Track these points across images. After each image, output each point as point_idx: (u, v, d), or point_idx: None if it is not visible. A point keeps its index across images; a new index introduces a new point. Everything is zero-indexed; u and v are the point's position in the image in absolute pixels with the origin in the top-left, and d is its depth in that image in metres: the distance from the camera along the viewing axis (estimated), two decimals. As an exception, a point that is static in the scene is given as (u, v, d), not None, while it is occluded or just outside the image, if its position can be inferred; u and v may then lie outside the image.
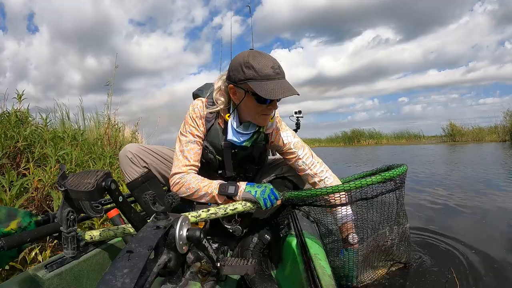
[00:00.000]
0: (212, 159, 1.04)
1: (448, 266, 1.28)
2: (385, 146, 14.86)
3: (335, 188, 0.89)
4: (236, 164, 1.07)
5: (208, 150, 1.03)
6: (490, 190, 2.93)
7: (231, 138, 0.98)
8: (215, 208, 0.92)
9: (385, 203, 0.99)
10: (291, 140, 1.06)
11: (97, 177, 0.64)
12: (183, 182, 0.97)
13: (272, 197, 0.91)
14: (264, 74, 0.86)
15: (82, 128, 3.67)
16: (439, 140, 16.19)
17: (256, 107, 0.92)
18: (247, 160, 1.07)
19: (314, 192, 0.91)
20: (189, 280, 0.75)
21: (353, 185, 0.89)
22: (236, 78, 0.90)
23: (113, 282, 0.40)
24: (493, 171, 4.20)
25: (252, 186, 0.93)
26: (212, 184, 0.95)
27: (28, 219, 0.79)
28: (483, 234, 1.70)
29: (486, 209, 2.23)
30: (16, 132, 1.98)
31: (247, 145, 1.00)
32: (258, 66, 0.86)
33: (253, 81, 0.86)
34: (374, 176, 0.93)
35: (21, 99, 2.32)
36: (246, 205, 0.92)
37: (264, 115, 0.95)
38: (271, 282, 0.92)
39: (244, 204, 0.92)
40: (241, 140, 0.99)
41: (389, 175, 0.93)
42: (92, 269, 0.91)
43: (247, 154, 1.05)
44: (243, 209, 0.92)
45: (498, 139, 12.90)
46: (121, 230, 0.90)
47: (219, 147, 1.02)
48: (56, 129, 2.93)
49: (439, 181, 3.67)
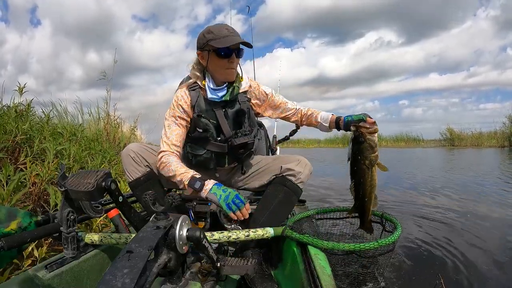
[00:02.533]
0: (208, 124, 1.10)
1: (437, 272, 1.28)
2: (384, 149, 14.85)
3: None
4: (231, 123, 1.13)
5: (202, 117, 1.10)
6: (480, 197, 2.92)
7: (210, 96, 1.10)
8: (228, 232, 0.95)
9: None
10: (271, 90, 1.25)
11: (97, 177, 0.65)
12: (166, 162, 1.05)
13: (237, 201, 0.95)
14: (221, 34, 1.03)
15: (81, 122, 3.63)
16: (438, 144, 16.20)
17: (219, 62, 1.06)
18: (239, 115, 1.14)
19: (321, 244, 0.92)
20: (189, 280, 0.75)
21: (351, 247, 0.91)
22: (200, 44, 1.07)
23: (113, 282, 0.40)
24: (489, 177, 4.21)
25: (218, 188, 0.97)
26: (187, 174, 1.01)
27: (28, 219, 0.79)
28: (473, 241, 1.69)
29: (478, 216, 2.23)
30: (15, 126, 1.96)
31: (226, 99, 1.10)
32: (215, 30, 1.05)
33: (212, 41, 1.03)
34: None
35: (22, 92, 2.28)
36: (257, 235, 0.95)
37: (228, 69, 1.08)
38: (271, 282, 0.92)
39: (255, 232, 0.95)
40: (219, 95, 1.10)
41: (390, 241, 0.93)
42: (92, 269, 0.91)
43: (237, 109, 1.14)
44: (254, 237, 0.95)
45: (497, 145, 12.90)
46: (123, 240, 0.90)
47: (209, 111, 1.11)
48: (55, 124, 2.91)
49: (428, 184, 3.68)
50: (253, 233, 0.95)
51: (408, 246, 1.61)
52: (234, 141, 1.10)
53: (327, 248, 0.92)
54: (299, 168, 1.11)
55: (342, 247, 0.91)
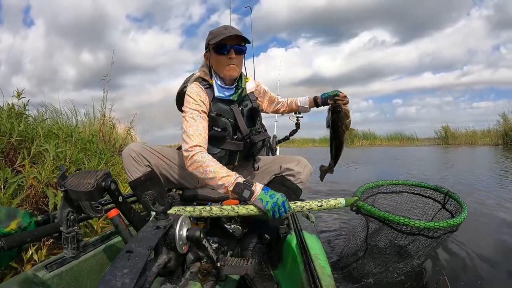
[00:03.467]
0: (227, 123, 1.13)
1: (440, 268, 1.28)
2: (378, 147, 14.85)
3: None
4: (246, 121, 1.17)
5: (220, 116, 1.12)
6: (481, 194, 2.92)
7: (218, 94, 1.12)
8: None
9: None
10: (267, 88, 1.37)
11: (97, 177, 0.64)
12: (200, 161, 0.98)
13: (282, 210, 0.89)
14: (218, 32, 1.08)
15: (75, 124, 3.59)
16: (432, 143, 16.17)
17: (219, 58, 1.10)
18: (253, 112, 1.19)
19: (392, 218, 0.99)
20: (189, 280, 0.75)
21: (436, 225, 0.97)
22: (205, 46, 1.14)
23: (113, 282, 0.40)
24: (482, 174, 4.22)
25: (265, 194, 0.91)
26: (230, 177, 0.94)
27: (28, 219, 0.79)
28: (476, 238, 1.70)
29: (481, 213, 2.23)
30: (9, 127, 1.93)
31: (234, 99, 1.14)
32: (215, 31, 1.11)
33: (212, 39, 1.08)
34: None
35: (20, 98, 2.26)
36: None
37: (229, 65, 1.10)
38: (271, 282, 0.92)
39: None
40: (226, 94, 1.13)
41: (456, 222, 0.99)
42: (92, 269, 0.91)
43: (251, 107, 1.19)
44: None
45: (490, 143, 12.88)
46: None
47: (227, 109, 1.14)
48: (50, 125, 2.89)
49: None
50: (325, 203, 0.96)
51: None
52: (253, 138, 1.13)
53: (399, 223, 0.97)
54: (299, 168, 1.11)
55: (413, 224, 0.97)
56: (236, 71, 1.13)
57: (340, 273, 1.30)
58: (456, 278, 1.21)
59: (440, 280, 1.19)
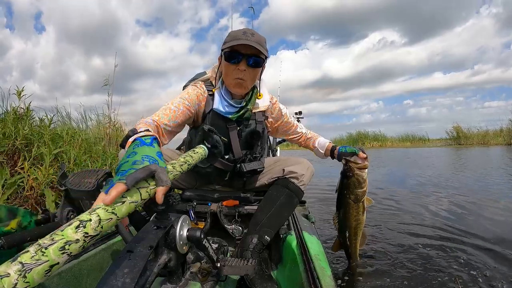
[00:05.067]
0: (219, 141, 0.96)
1: (453, 274, 1.27)
2: (390, 149, 14.81)
3: None
4: (243, 142, 1.06)
5: (213, 132, 0.96)
6: (494, 194, 2.92)
7: (216, 107, 1.00)
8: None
9: None
10: (286, 110, 1.20)
11: (97, 177, 0.64)
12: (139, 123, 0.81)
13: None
14: (235, 36, 0.94)
15: (84, 128, 3.65)
16: (444, 143, 16.14)
17: (228, 67, 0.97)
18: (253, 137, 1.06)
19: None
20: (189, 280, 0.75)
21: None
22: (221, 48, 0.99)
23: (114, 282, 0.40)
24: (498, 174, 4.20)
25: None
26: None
27: (28, 218, 0.79)
28: (487, 235, 1.70)
29: (492, 211, 2.23)
30: (15, 130, 1.96)
31: (232, 118, 1.02)
32: (233, 32, 0.96)
33: (226, 43, 0.96)
34: None
35: (21, 96, 2.27)
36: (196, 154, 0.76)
37: (236, 79, 0.97)
38: (271, 282, 0.92)
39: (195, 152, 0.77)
40: (225, 110, 1.01)
41: None
42: (92, 269, 0.91)
43: (251, 130, 1.06)
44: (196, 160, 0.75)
45: (503, 142, 12.87)
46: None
47: (223, 127, 1.02)
48: (55, 128, 2.92)
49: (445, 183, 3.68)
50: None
51: (422, 246, 1.60)
52: (243, 166, 1.04)
53: None
54: (302, 170, 1.10)
55: None
56: (243, 87, 0.99)
57: (340, 273, 1.29)
58: (468, 281, 1.20)
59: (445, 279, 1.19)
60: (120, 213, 0.41)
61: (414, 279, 1.21)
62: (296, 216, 1.22)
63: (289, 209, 1.12)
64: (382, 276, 1.23)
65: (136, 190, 0.46)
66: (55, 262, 0.31)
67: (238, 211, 1.15)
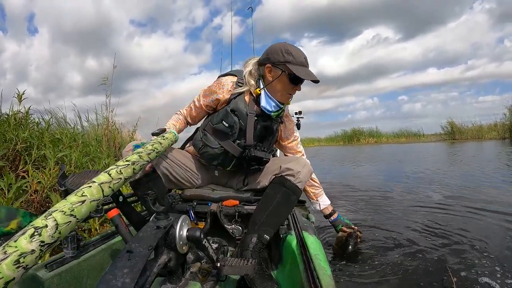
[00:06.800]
0: (236, 123, 1.11)
1: (444, 264, 1.28)
2: (385, 145, 14.85)
3: None
4: (256, 134, 1.15)
5: (233, 113, 1.11)
6: (486, 189, 2.92)
7: (264, 105, 1.12)
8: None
9: None
10: (298, 134, 1.35)
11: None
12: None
13: None
14: (299, 61, 1.08)
15: (81, 130, 3.64)
16: (438, 138, 16.15)
17: (287, 85, 1.11)
18: (267, 132, 1.17)
19: None
20: (189, 280, 0.75)
21: None
22: (275, 59, 1.09)
23: (113, 282, 0.40)
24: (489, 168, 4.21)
25: None
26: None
27: (28, 218, 0.79)
28: (480, 232, 1.70)
29: (485, 206, 2.23)
30: (15, 134, 1.97)
31: (274, 115, 1.15)
32: (295, 54, 1.08)
33: (291, 64, 1.07)
34: None
35: (22, 99, 2.29)
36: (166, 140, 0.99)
37: (289, 94, 1.14)
38: (271, 282, 0.92)
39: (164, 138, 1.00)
40: (272, 108, 1.14)
41: None
42: (92, 269, 0.91)
43: (267, 125, 1.17)
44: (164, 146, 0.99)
45: (497, 137, 12.85)
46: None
47: (244, 112, 1.13)
48: (54, 131, 2.92)
49: (440, 179, 3.68)
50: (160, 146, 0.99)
51: (415, 238, 1.62)
52: (252, 151, 1.10)
53: None
54: (298, 167, 1.10)
55: None
56: (291, 100, 1.18)
57: (340, 273, 1.30)
58: (463, 276, 1.21)
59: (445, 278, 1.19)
60: (79, 214, 0.40)
61: (414, 278, 1.21)
62: (296, 216, 1.22)
63: (287, 207, 1.12)
64: (382, 276, 1.24)
65: (98, 187, 0.44)
66: (10, 278, 0.28)
67: (238, 211, 1.15)
